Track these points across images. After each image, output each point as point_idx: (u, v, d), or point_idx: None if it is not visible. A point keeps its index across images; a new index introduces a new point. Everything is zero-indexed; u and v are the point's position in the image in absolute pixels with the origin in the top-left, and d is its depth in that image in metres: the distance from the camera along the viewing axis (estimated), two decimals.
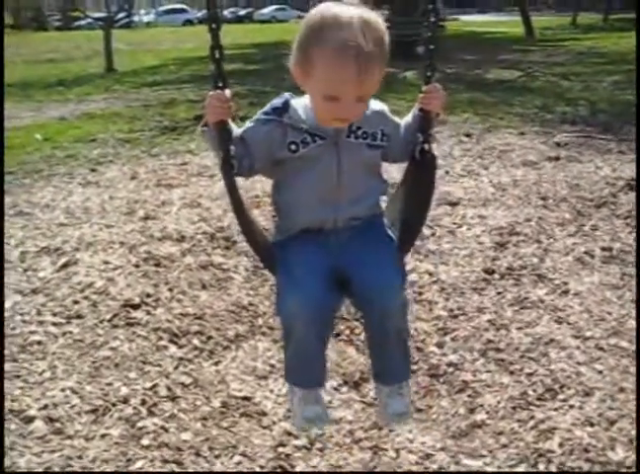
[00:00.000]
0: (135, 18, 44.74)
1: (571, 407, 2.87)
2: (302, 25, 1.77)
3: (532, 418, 2.82)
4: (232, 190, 1.88)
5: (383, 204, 2.07)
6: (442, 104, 1.98)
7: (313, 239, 1.96)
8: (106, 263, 4.14)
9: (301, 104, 1.88)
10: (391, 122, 2.00)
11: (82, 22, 43.94)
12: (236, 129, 1.87)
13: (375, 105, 1.94)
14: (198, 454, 2.67)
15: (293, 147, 1.86)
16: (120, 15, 20.47)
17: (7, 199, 5.59)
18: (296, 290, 1.86)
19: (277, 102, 1.90)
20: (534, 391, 2.99)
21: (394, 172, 2.35)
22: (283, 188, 1.97)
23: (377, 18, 1.74)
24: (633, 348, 3.28)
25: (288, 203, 1.97)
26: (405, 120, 2.05)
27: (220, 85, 1.80)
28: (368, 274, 1.89)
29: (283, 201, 1.99)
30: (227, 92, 1.80)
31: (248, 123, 1.90)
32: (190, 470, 2.58)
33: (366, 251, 1.94)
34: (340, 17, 1.69)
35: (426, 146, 2.00)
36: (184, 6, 56.13)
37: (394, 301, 1.93)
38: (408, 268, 4.12)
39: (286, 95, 1.92)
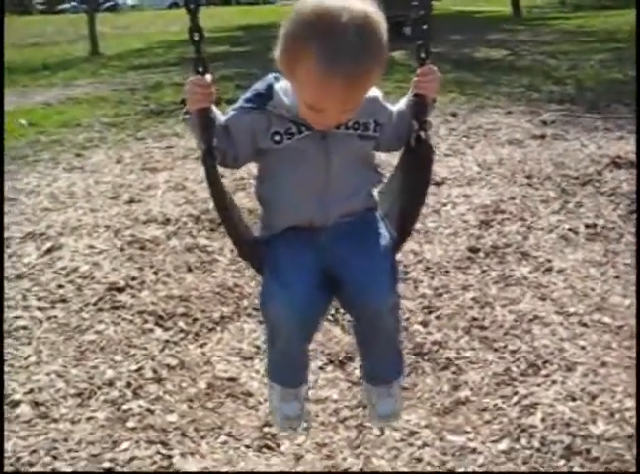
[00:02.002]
0: (120, 0, 44.17)
1: (554, 382, 2.90)
2: (291, 14, 1.56)
3: (516, 394, 2.85)
4: (215, 183, 1.74)
5: (376, 196, 1.94)
6: (438, 87, 1.82)
7: (302, 237, 1.83)
8: (91, 247, 4.14)
9: (286, 88, 1.71)
10: (385, 111, 1.84)
11: (66, 5, 43.39)
12: (220, 117, 1.73)
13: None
14: (183, 435, 2.68)
15: (277, 138, 1.71)
16: None
17: None
18: (283, 291, 1.75)
19: (260, 87, 1.74)
20: (518, 367, 3.02)
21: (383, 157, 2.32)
22: (267, 181, 1.84)
23: (377, 13, 1.52)
24: (616, 323, 3.31)
25: (273, 198, 1.84)
26: (398, 107, 1.89)
27: (200, 70, 1.66)
28: (359, 275, 1.78)
29: (267, 195, 1.86)
30: (208, 77, 1.66)
31: (230, 111, 1.75)
32: (175, 451, 2.59)
33: (358, 250, 1.81)
34: (334, 16, 1.46)
35: (421, 134, 1.84)
36: None
37: (386, 303, 1.81)
38: None
39: (270, 78, 1.75)
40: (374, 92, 1.79)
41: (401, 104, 1.89)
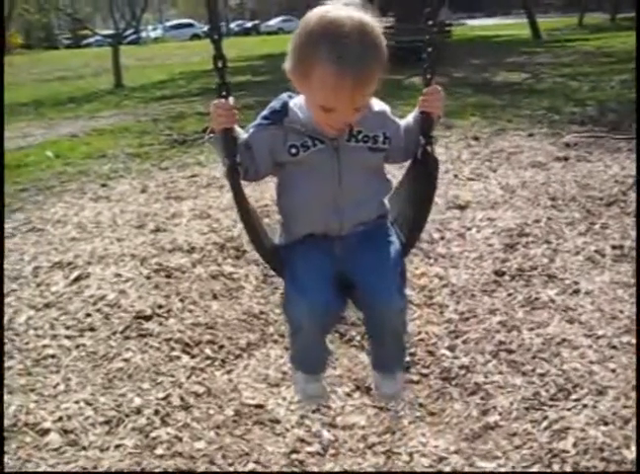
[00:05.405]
0: (143, 34, 45.04)
1: (584, 406, 2.85)
2: (298, 28, 1.75)
3: (546, 418, 2.81)
4: (238, 195, 1.90)
5: (387, 203, 2.09)
6: (443, 105, 1.99)
7: (318, 244, 1.99)
8: (117, 275, 4.18)
9: (300, 104, 1.89)
10: (393, 124, 1.99)
11: (91, 39, 44.40)
12: (242, 135, 1.90)
13: (376, 106, 1.93)
14: (211, 463, 2.68)
15: (294, 151, 1.88)
16: (128, 31, 20.61)
17: (20, 216, 5.68)
18: (302, 295, 1.91)
19: (275, 105, 1.91)
20: (547, 391, 2.97)
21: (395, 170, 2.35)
22: (286, 190, 2.00)
23: (374, 22, 1.71)
24: None
25: (291, 206, 2.00)
26: (405, 122, 2.05)
27: (224, 94, 1.83)
28: (371, 280, 1.94)
29: (286, 204, 2.01)
30: (231, 100, 1.83)
31: (250, 128, 1.92)
32: None
33: (369, 258, 1.98)
34: (337, 25, 1.65)
35: (428, 148, 2.01)
36: (191, 20, 56.47)
37: (395, 306, 1.98)
38: (418, 272, 4.14)
39: (285, 96, 1.93)
40: (382, 106, 1.97)
41: (409, 119, 2.05)
